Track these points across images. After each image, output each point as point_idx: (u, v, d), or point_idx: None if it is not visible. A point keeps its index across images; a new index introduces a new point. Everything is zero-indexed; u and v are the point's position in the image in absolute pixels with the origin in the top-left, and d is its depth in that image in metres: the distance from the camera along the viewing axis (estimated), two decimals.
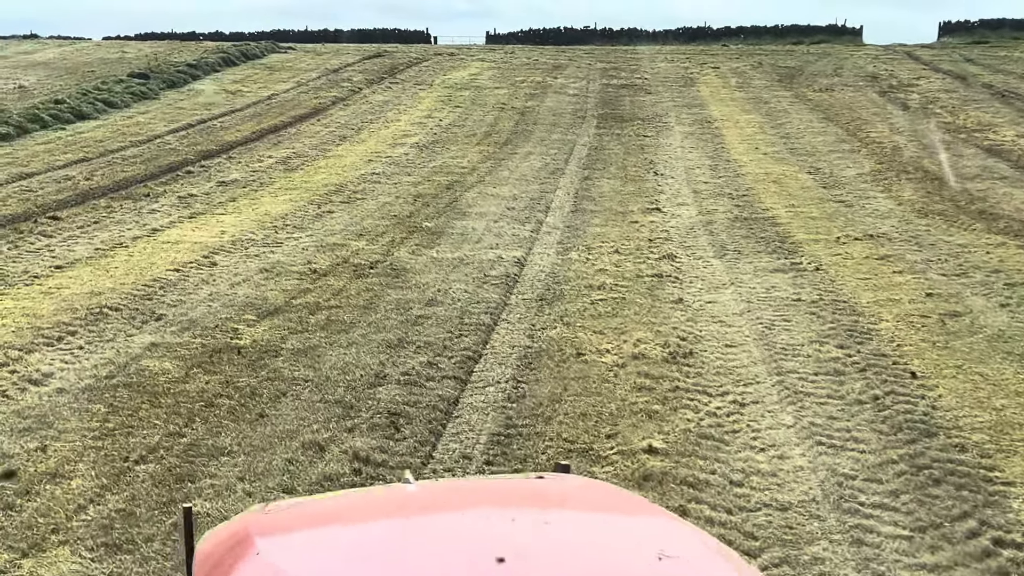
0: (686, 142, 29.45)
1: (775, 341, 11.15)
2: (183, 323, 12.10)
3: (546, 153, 27.63)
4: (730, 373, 10.13)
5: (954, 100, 36.38)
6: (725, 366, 10.36)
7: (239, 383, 9.97)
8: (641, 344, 11.01)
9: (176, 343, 11.26)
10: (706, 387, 9.68)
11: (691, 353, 10.71)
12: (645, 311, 12.51)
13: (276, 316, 12.47)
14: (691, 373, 10.09)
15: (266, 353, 10.93)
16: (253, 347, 11.14)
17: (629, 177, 24.25)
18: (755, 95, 39.28)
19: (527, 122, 33.15)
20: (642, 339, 11.22)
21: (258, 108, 35.78)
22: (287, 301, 13.20)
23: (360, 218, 19.51)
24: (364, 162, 26.11)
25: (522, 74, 46.08)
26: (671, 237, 17.63)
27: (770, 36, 65.73)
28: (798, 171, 24.55)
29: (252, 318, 12.36)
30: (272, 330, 11.82)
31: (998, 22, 63.36)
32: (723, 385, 9.73)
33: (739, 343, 11.20)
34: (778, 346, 10.99)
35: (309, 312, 12.65)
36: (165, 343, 11.26)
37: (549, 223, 19.28)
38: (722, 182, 23.39)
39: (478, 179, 23.95)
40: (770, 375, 10.03)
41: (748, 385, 9.75)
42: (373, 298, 13.38)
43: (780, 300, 13.02)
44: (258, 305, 12.97)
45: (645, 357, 10.58)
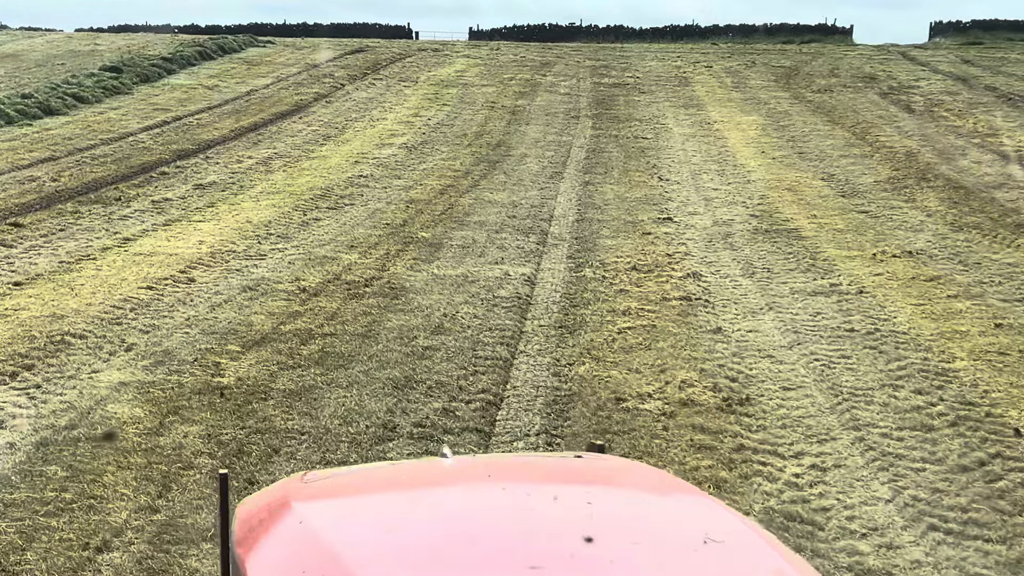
0: (687, 145, 28.06)
1: (840, 384, 9.73)
2: (157, 355, 10.57)
3: (542, 156, 26.17)
4: (797, 425, 8.70)
5: (959, 103, 35.14)
6: (789, 416, 8.94)
7: (223, 436, 8.46)
8: (688, 387, 9.57)
9: (148, 382, 9.74)
10: (775, 445, 8.25)
11: (747, 399, 9.28)
12: (682, 343, 11.07)
13: (263, 346, 10.96)
14: (753, 426, 8.66)
15: (253, 395, 9.43)
16: (238, 387, 9.63)
17: (633, 182, 22.82)
18: (752, 96, 37.93)
19: (519, 122, 31.68)
20: (687, 380, 9.77)
21: (236, 104, 34.16)
22: (275, 327, 11.69)
23: (350, 227, 18.00)
24: (350, 164, 24.58)
25: (510, 71, 44.59)
26: (690, 251, 16.20)
27: (759, 35, 64.51)
28: (811, 177, 23.19)
29: (236, 349, 10.84)
30: (259, 365, 10.32)
31: (991, 23, 62.38)
32: (794, 443, 8.30)
33: (798, 384, 9.77)
34: (844, 390, 9.57)
35: (301, 341, 11.15)
36: (136, 382, 9.73)
37: (555, 234, 17.83)
38: (733, 189, 21.99)
39: (473, 183, 22.46)
40: (846, 429, 8.61)
41: (823, 442, 8.32)
42: (372, 324, 11.89)
43: (830, 330, 11.60)
44: (242, 332, 11.46)
45: (695, 404, 9.14)
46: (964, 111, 33.29)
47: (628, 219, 19.00)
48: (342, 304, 12.80)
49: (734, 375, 10.00)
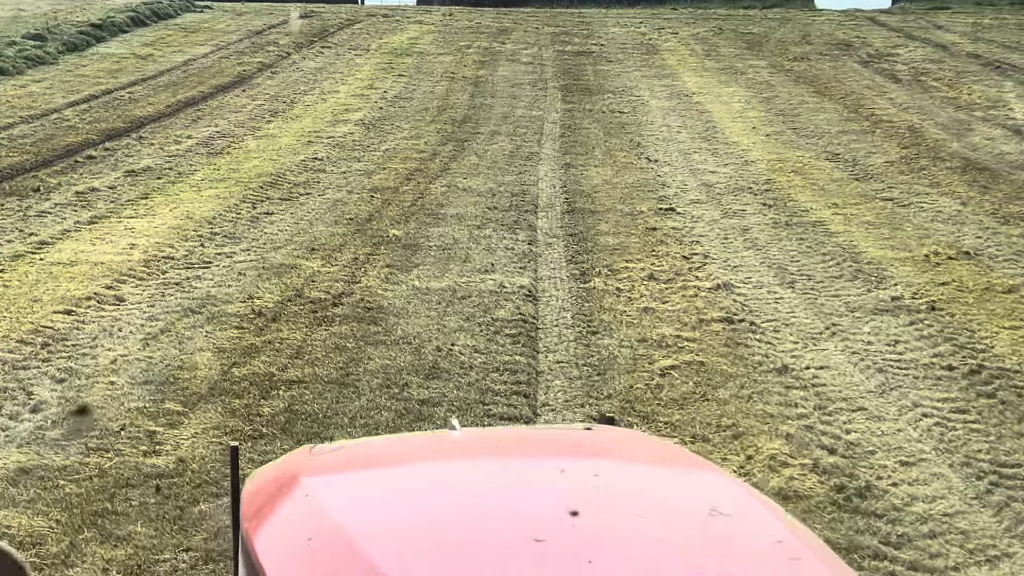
0: (669, 119, 25.74)
1: (974, 456, 7.50)
2: (72, 422, 8.09)
3: (514, 133, 23.72)
4: (949, 531, 6.46)
5: (946, 71, 33.14)
6: (931, 515, 6.69)
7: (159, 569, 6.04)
8: (781, 466, 7.30)
9: (59, 467, 7.28)
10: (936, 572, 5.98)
11: (868, 489, 7.01)
12: (747, 391, 8.80)
13: (211, 403, 8.52)
14: (891, 536, 6.40)
15: (201, 490, 7.00)
16: (179, 474, 7.20)
17: (619, 164, 20.48)
18: (727, 65, 35.66)
19: (483, 94, 29.16)
20: (776, 455, 7.49)
21: (173, 76, 31.27)
22: (225, 371, 9.25)
23: (308, 223, 15.51)
24: (303, 144, 21.97)
25: (466, 39, 41.93)
26: (709, 253, 13.91)
27: (719, 0, 62.19)
28: (815, 157, 20.98)
29: (176, 407, 8.39)
30: (207, 435, 7.89)
31: None
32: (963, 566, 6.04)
33: (918, 457, 7.54)
34: (985, 466, 7.33)
35: (260, 394, 8.73)
36: (42, 467, 7.27)
37: (545, 229, 15.47)
38: (732, 172, 19.72)
39: (442, 167, 19.99)
40: (1015, 536, 6.37)
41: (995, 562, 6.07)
42: (348, 364, 9.48)
43: (922, 368, 9.38)
44: (183, 381, 9.00)
45: (802, 497, 6.87)
46: (954, 81, 31.28)
47: (625, 210, 16.67)
48: (308, 333, 10.37)
49: (831, 443, 7.73)
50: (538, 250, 14.26)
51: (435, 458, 3.59)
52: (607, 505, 3.08)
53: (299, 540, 3.01)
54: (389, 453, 3.83)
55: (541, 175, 19.59)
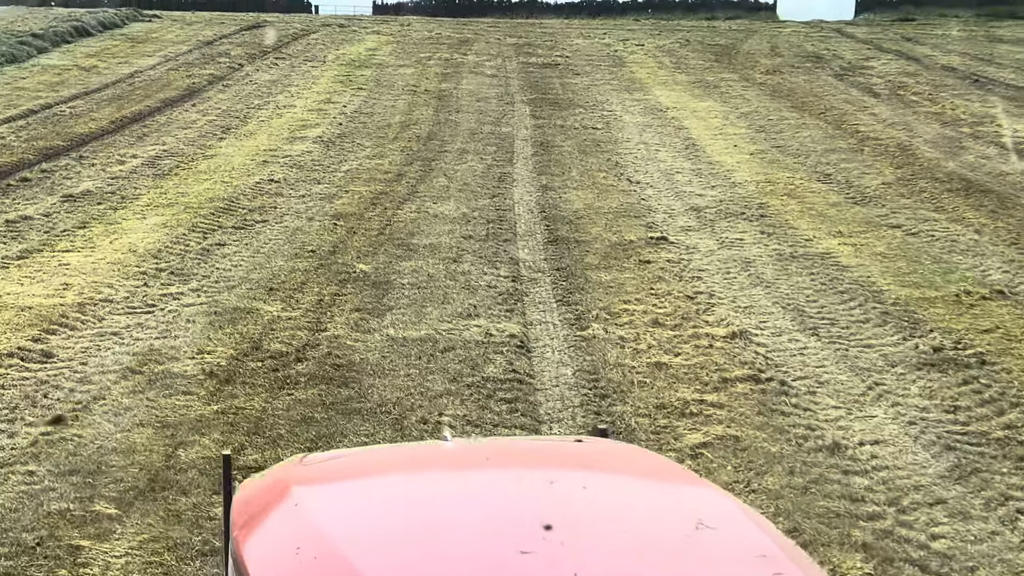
0: (646, 136, 24.40)
1: None
2: None
3: (483, 151, 22.27)
4: None
5: (923, 85, 32.11)
6: None
7: None
8: None
9: None
10: None
11: None
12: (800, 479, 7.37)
13: (151, 502, 6.97)
14: None
15: None
16: None
17: (599, 186, 19.08)
18: (699, 78, 34.44)
19: (448, 109, 27.67)
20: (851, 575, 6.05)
21: (118, 89, 29.52)
22: (169, 456, 7.70)
23: (265, 256, 13.96)
24: (257, 164, 20.38)
25: (426, 50, 40.44)
26: (714, 292, 12.52)
27: (680, 10, 61.23)
28: (806, 178, 19.70)
29: (107, 509, 6.85)
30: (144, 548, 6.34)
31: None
32: None
33: None
34: None
35: (211, 487, 7.20)
36: None
37: (528, 262, 14.02)
38: (720, 194, 18.39)
39: (410, 189, 18.49)
40: None
41: None
42: (318, 442, 7.97)
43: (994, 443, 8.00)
44: (118, 470, 7.45)
45: None
46: (934, 95, 30.23)
47: (612, 239, 15.26)
48: (268, 399, 8.84)
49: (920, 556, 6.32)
50: (523, 288, 12.80)
51: (426, 469, 3.60)
52: (594, 518, 3.11)
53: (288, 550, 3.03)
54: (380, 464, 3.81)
55: (517, 198, 18.15)
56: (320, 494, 3.41)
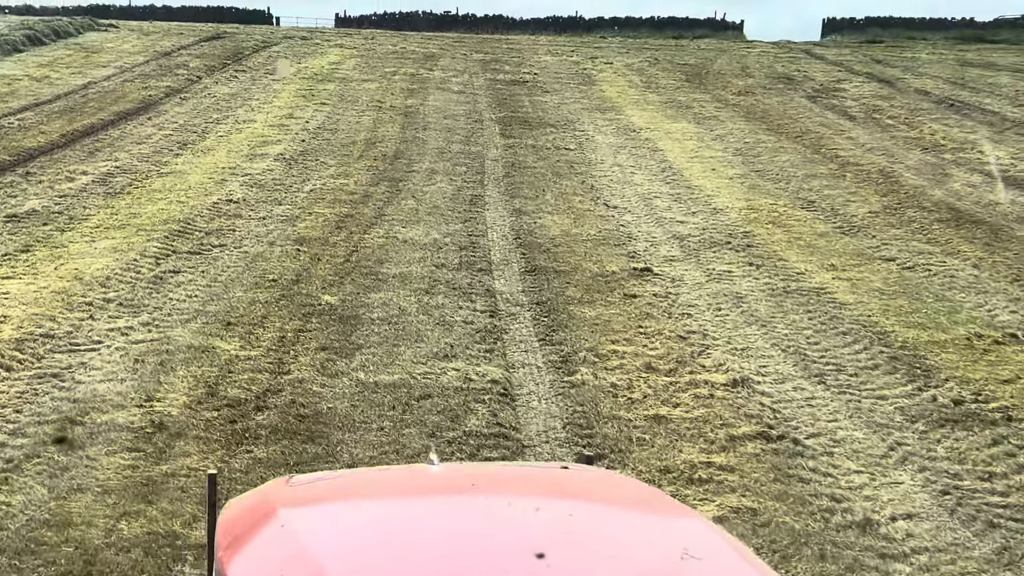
0: (620, 158, 23.59)
1: None
2: None
3: (453, 172, 21.35)
4: None
5: (898, 110, 31.58)
6: None
7: None
8: None
9: None
10: None
11: None
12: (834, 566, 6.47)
13: None
14: None
15: None
16: None
17: (575, 211, 18.23)
18: (670, 97, 33.73)
19: (415, 126, 26.74)
20: None
21: (71, 100, 28.34)
22: (108, 533, 6.71)
23: (223, 285, 12.96)
24: (215, 183, 19.35)
25: (391, 64, 39.50)
26: (707, 331, 11.66)
27: (647, 28, 60.70)
28: (789, 205, 18.94)
29: None
30: None
31: (887, 19, 59.77)
32: None
33: None
34: None
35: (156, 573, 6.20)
36: None
37: (506, 295, 13.11)
38: (702, 222, 17.58)
39: (377, 212, 17.54)
40: None
41: None
42: None
43: None
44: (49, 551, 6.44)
45: None
46: (910, 119, 29.69)
47: (593, 269, 14.39)
48: (224, 458, 7.86)
49: None
50: (502, 324, 11.88)
51: (412, 494, 3.59)
52: (579, 546, 3.12)
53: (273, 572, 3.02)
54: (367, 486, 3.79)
55: (490, 223, 17.25)
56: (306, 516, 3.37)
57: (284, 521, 3.25)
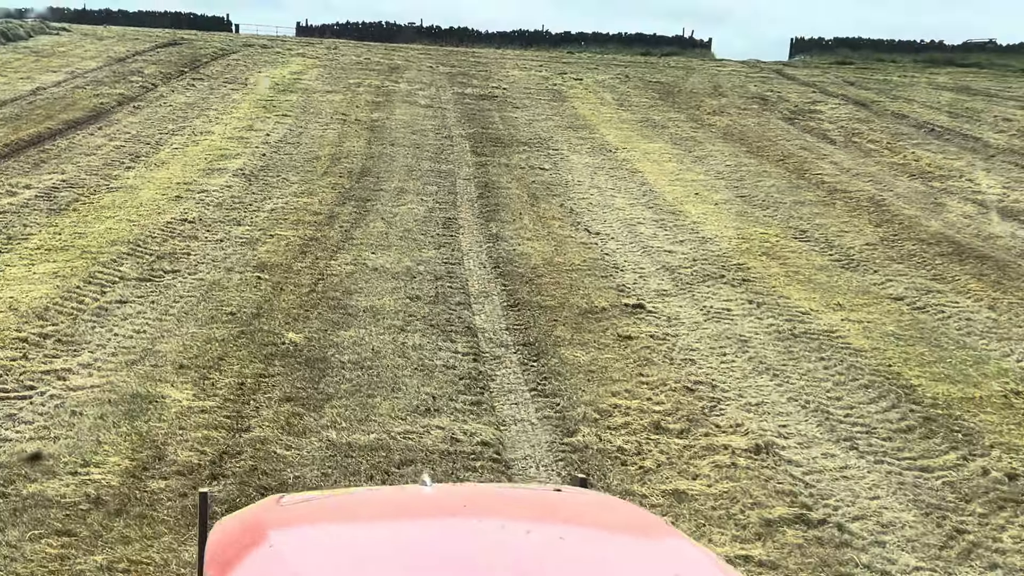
0: (598, 179, 22.49)
1: None
2: None
3: (423, 191, 20.15)
4: None
5: (878, 134, 30.75)
6: None
7: None
8: None
9: None
10: None
11: None
12: None
13: None
14: None
15: None
16: None
17: (556, 236, 17.08)
18: (644, 116, 32.71)
19: (382, 141, 25.49)
20: None
21: (17, 107, 26.83)
22: None
23: (175, 319, 11.66)
24: (169, 200, 18.02)
25: (355, 75, 38.21)
26: (716, 382, 10.52)
27: (614, 45, 59.83)
28: (781, 235, 17.90)
29: None
30: None
31: (855, 41, 59.27)
32: None
33: None
34: None
35: None
36: None
37: (488, 334, 11.92)
38: (692, 251, 16.49)
39: (344, 235, 16.30)
40: None
41: None
42: None
43: None
44: None
45: None
46: (892, 144, 28.85)
47: (581, 304, 13.23)
48: (172, 549, 6.58)
49: None
50: (487, 370, 10.67)
51: (404, 515, 3.56)
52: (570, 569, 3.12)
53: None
54: (359, 507, 3.75)
55: (466, 249, 16.06)
56: (297, 537, 3.35)
57: (274, 543, 3.23)
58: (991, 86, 44.25)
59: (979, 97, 40.21)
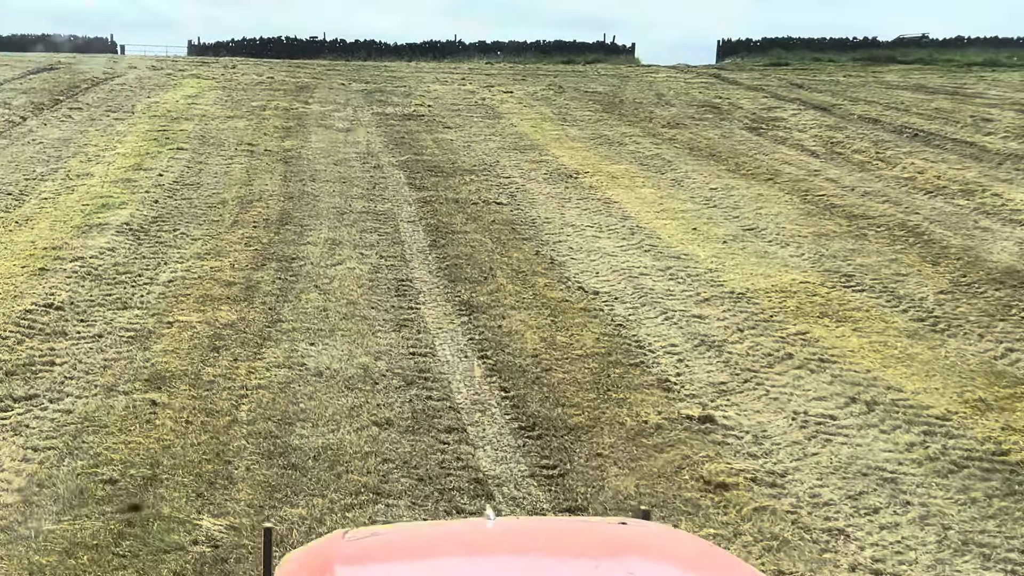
0: (569, 214, 18.51)
1: None
2: None
3: (362, 241, 15.98)
4: None
5: (860, 142, 27.27)
6: None
7: None
8: None
9: None
10: None
11: None
12: None
13: None
14: None
15: None
16: None
17: (546, 302, 13.08)
18: (595, 132, 28.82)
19: (300, 176, 21.19)
20: None
21: None
22: None
23: (22, 503, 7.42)
24: (30, 274, 13.59)
25: (259, 97, 33.73)
26: None
27: (532, 52, 56.05)
28: (826, 283, 14.10)
29: None
30: None
31: (786, 40, 56.28)
32: None
33: None
34: None
35: None
36: None
37: (511, 493, 7.92)
38: (726, 314, 12.60)
39: (270, 316, 12.08)
40: None
41: None
42: None
43: None
44: None
45: None
46: (882, 154, 25.36)
47: (625, 419, 9.24)
48: None
49: None
50: None
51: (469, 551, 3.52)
52: None
53: None
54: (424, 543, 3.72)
55: (434, 328, 11.95)
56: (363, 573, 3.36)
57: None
58: (945, 83, 41.34)
59: (940, 96, 37.14)
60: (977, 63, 47.85)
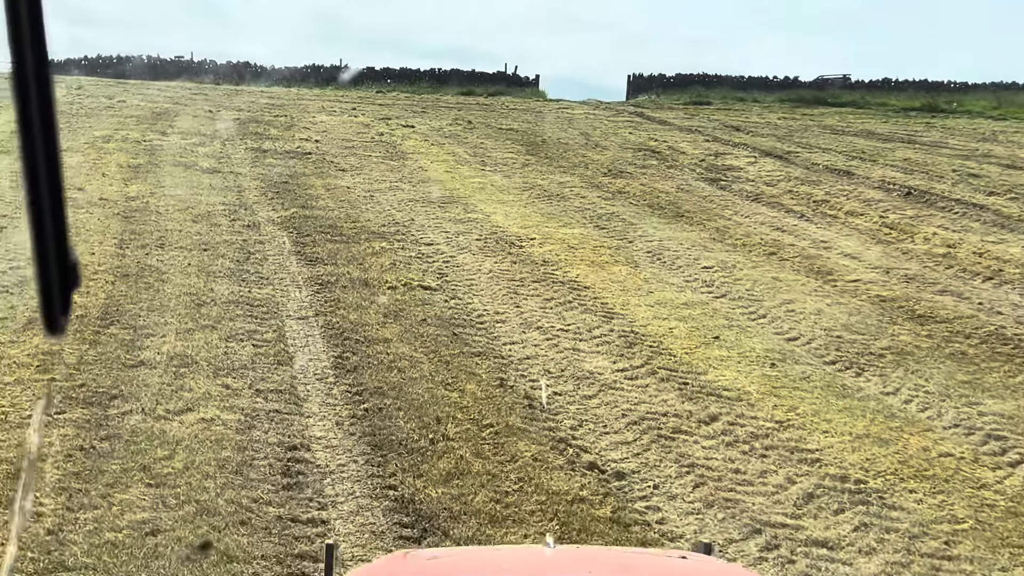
0: (526, 306, 13.04)
1: None
2: None
3: (228, 361, 10.27)
4: None
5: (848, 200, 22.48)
6: None
7: None
8: None
9: None
10: None
11: None
12: None
13: None
14: None
15: None
16: None
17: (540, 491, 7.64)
18: (526, 180, 23.37)
19: (143, 241, 15.22)
20: None
21: None
22: None
23: None
24: None
25: (103, 125, 27.39)
26: None
27: (427, 81, 50.42)
28: (955, 446, 8.88)
29: None
30: None
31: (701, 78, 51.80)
32: None
33: None
34: None
35: None
36: None
37: None
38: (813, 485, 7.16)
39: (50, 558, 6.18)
40: None
41: None
42: None
43: None
44: None
45: None
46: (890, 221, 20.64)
47: None
48: None
49: None
50: None
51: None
52: None
53: None
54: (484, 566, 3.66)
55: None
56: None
57: None
58: (894, 130, 37.16)
59: (898, 145, 32.81)
60: (915, 107, 43.98)
